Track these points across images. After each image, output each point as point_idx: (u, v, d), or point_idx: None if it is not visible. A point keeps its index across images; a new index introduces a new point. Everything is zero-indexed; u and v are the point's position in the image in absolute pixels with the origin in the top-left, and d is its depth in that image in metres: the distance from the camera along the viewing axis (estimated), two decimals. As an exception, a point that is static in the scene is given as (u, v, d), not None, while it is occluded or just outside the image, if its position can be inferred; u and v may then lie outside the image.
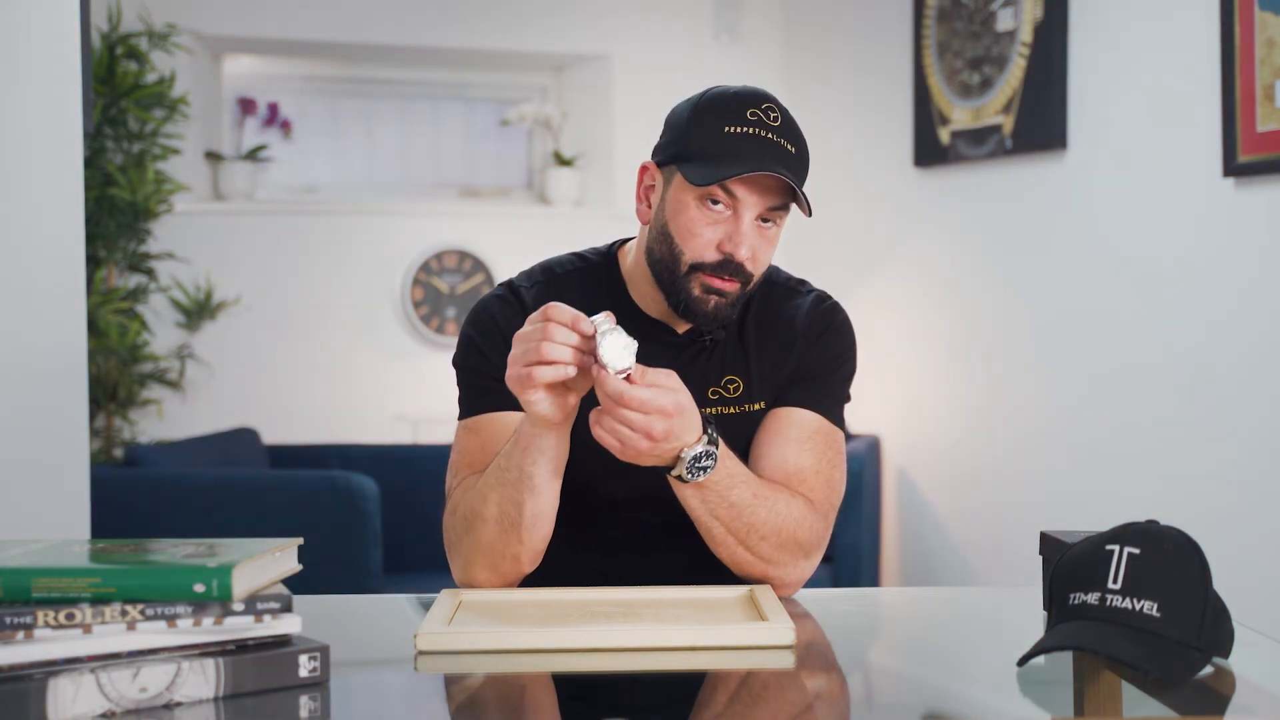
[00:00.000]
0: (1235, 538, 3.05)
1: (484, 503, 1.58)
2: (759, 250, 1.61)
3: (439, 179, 5.03)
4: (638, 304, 1.70)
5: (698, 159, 1.59)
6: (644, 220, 1.68)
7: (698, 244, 1.60)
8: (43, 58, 2.41)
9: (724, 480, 1.55)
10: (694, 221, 1.60)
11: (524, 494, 1.56)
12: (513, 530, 1.57)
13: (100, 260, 4.04)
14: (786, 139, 1.60)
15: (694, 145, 1.60)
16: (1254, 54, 3.00)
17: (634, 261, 1.71)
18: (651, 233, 1.66)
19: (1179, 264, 3.31)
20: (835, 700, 1.27)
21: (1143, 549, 1.26)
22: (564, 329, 1.44)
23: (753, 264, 1.61)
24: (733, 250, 1.59)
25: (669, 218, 1.63)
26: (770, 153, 1.58)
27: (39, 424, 2.39)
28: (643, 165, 1.68)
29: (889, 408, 4.40)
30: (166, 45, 4.16)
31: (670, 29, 4.88)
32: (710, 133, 1.59)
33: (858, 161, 4.57)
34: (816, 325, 1.73)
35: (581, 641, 1.35)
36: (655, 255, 1.64)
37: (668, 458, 1.50)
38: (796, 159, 1.60)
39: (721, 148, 1.58)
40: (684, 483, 1.53)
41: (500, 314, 1.70)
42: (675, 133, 1.64)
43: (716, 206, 1.59)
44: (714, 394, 1.69)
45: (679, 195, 1.61)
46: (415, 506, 4.02)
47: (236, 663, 1.17)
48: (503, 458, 1.58)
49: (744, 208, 1.59)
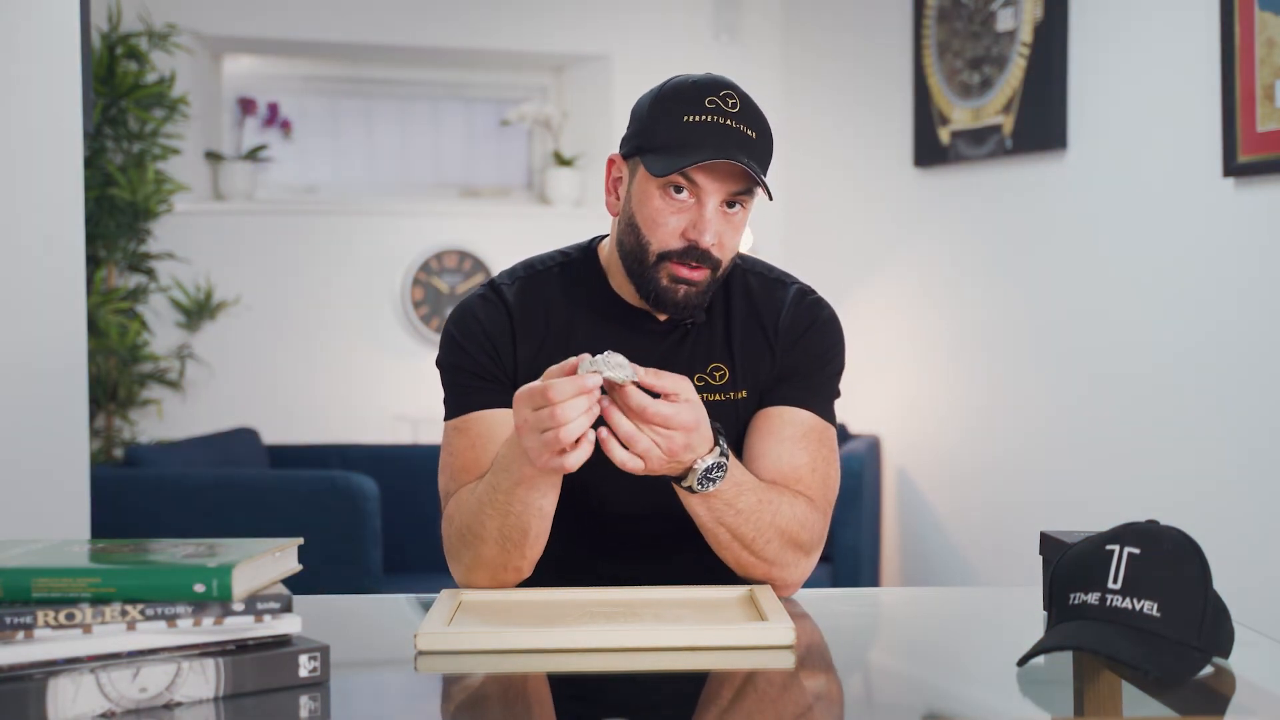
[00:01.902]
0: (1235, 538, 3.05)
1: (483, 526, 1.58)
2: (724, 236, 1.62)
3: (439, 179, 5.03)
4: (618, 293, 1.71)
5: (659, 149, 1.60)
6: (613, 212, 1.69)
7: (663, 233, 1.61)
8: (43, 58, 2.41)
9: (731, 489, 1.55)
10: (658, 211, 1.61)
11: (529, 521, 1.57)
12: (515, 549, 1.58)
13: (100, 260, 4.04)
14: (746, 124, 1.60)
15: (655, 136, 1.61)
16: (1254, 54, 3.00)
17: (610, 253, 1.72)
18: (620, 224, 1.67)
19: (1179, 264, 3.31)
20: (835, 700, 1.27)
21: (1143, 549, 1.26)
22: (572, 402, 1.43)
23: (719, 250, 1.62)
24: (697, 237, 1.60)
25: (635, 208, 1.64)
26: (730, 139, 1.58)
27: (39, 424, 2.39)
28: (610, 158, 1.69)
29: (889, 408, 4.40)
30: (166, 45, 4.16)
31: (670, 29, 4.88)
32: (670, 122, 1.60)
33: (858, 161, 4.57)
34: (800, 321, 1.73)
35: (581, 641, 1.35)
36: (625, 247, 1.65)
37: (678, 468, 1.50)
38: (757, 144, 1.60)
39: (681, 137, 1.58)
40: (693, 493, 1.53)
41: (483, 313, 1.71)
42: (638, 124, 1.65)
43: (680, 195, 1.60)
44: (700, 380, 1.69)
45: (643, 186, 1.63)
46: (415, 506, 4.02)
47: (236, 663, 1.17)
48: (501, 492, 1.56)
49: (706, 194, 1.59)
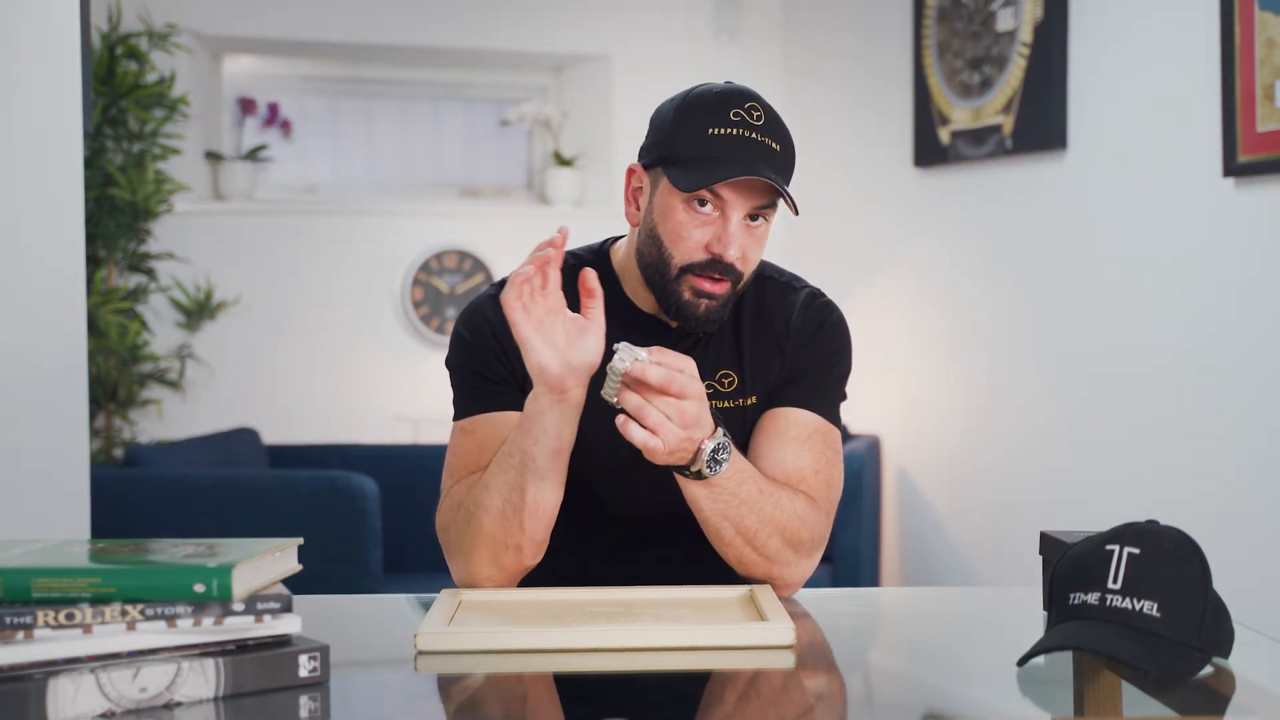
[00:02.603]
0: (1235, 538, 3.05)
1: (486, 492, 1.58)
2: (748, 250, 1.62)
3: (439, 179, 5.03)
4: (630, 299, 1.71)
5: (683, 162, 1.59)
6: (633, 222, 1.68)
7: (686, 246, 1.60)
8: (43, 58, 2.41)
9: (734, 476, 1.54)
10: (682, 225, 1.60)
11: (527, 478, 1.55)
12: (514, 517, 1.57)
13: (100, 260, 4.04)
14: (771, 137, 1.60)
15: (679, 148, 1.60)
16: (1254, 54, 3.00)
17: (625, 257, 1.71)
18: (641, 235, 1.66)
19: (1179, 264, 3.31)
20: (835, 700, 1.27)
21: (1143, 549, 1.26)
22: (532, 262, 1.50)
23: (742, 264, 1.61)
24: (721, 251, 1.59)
25: (657, 221, 1.63)
26: (755, 153, 1.57)
27: (39, 424, 2.39)
28: (630, 167, 1.69)
29: (889, 408, 4.40)
30: (166, 45, 4.16)
31: (670, 29, 4.88)
32: (695, 135, 1.59)
33: (858, 161, 4.57)
34: (810, 324, 1.73)
35: (581, 641, 1.35)
36: (646, 258, 1.65)
37: (685, 455, 1.50)
38: (782, 157, 1.60)
39: (706, 150, 1.58)
40: (700, 479, 1.52)
41: (493, 314, 1.70)
42: (660, 134, 1.64)
43: (704, 209, 1.59)
44: (709, 388, 1.69)
45: (666, 199, 1.62)
46: (415, 506, 4.02)
47: (236, 663, 1.17)
48: (505, 445, 1.58)
49: (731, 209, 1.59)
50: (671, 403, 1.43)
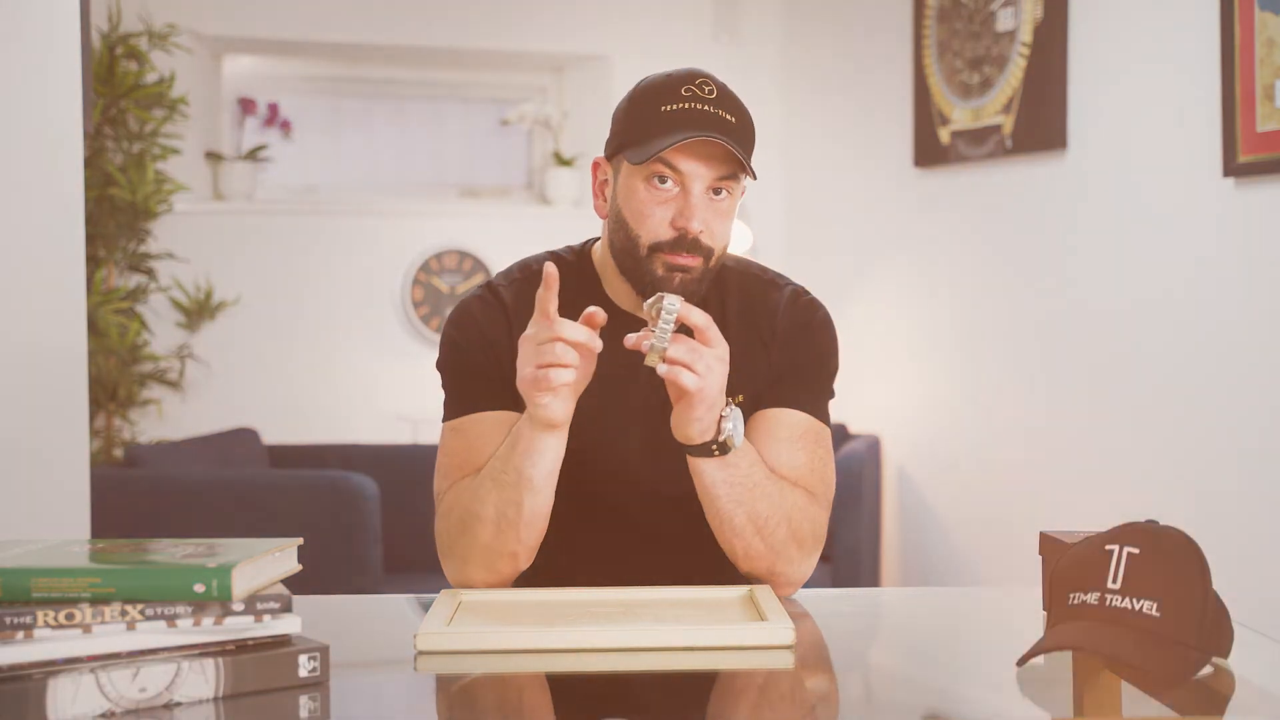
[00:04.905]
0: (1235, 538, 3.05)
1: (481, 504, 1.58)
2: (712, 223, 1.61)
3: (439, 179, 5.03)
4: (611, 298, 1.71)
5: (638, 141, 1.60)
6: (602, 215, 1.69)
7: (651, 224, 1.61)
8: (43, 58, 2.41)
9: (749, 454, 1.57)
10: (644, 202, 1.61)
11: (522, 494, 1.56)
12: (510, 530, 1.58)
13: (100, 260, 4.04)
14: (724, 109, 1.60)
15: (633, 130, 1.61)
16: (1254, 54, 2.99)
17: (603, 256, 1.72)
18: (609, 223, 1.67)
19: (1179, 264, 3.31)
20: (835, 700, 1.27)
21: (1142, 549, 1.26)
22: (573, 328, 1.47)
23: (709, 237, 1.61)
24: (685, 224, 1.59)
25: (622, 204, 1.64)
26: (708, 122, 1.58)
27: (39, 424, 2.39)
28: (595, 161, 1.70)
29: (889, 408, 4.40)
30: (166, 45, 4.16)
31: (670, 29, 4.88)
32: (648, 114, 1.60)
33: (858, 161, 4.57)
34: (796, 322, 1.73)
35: (581, 641, 1.35)
36: (616, 245, 1.65)
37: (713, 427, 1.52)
38: (737, 127, 1.60)
39: (659, 126, 1.59)
40: (724, 454, 1.54)
41: (481, 314, 1.71)
42: (617, 124, 1.65)
43: (665, 185, 1.60)
44: None
45: (627, 181, 1.63)
46: (415, 506, 4.02)
47: (236, 663, 1.17)
48: (498, 460, 1.58)
49: (691, 180, 1.59)
50: (711, 351, 1.48)
